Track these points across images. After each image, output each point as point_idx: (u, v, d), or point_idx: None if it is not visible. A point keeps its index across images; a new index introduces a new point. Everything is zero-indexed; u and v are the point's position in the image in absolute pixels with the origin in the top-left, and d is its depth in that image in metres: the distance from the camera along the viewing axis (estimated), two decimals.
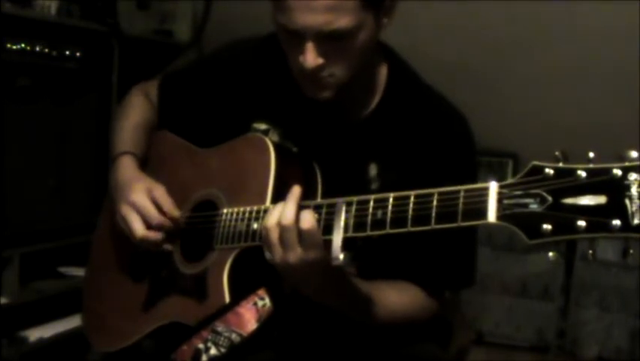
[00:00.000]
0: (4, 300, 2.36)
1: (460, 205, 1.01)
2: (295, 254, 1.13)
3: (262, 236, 1.18)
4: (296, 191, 1.17)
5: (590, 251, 0.95)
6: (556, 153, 0.95)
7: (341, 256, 1.11)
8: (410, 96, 1.39)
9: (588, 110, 2.94)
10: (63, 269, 2.65)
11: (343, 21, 1.19)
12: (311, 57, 1.22)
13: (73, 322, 2.51)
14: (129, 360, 1.46)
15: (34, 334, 2.48)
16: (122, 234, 1.44)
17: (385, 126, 1.37)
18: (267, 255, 1.17)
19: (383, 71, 1.39)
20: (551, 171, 0.94)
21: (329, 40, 1.21)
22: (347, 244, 1.12)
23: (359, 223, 1.11)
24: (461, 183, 1.04)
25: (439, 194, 1.04)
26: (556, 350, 3.11)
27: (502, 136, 2.99)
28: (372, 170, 1.36)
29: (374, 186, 1.35)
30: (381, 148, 1.36)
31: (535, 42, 3.00)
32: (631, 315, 3.01)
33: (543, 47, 3.00)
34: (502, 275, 3.14)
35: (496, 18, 3.00)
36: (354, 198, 1.13)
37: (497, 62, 3.07)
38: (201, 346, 1.28)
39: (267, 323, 1.25)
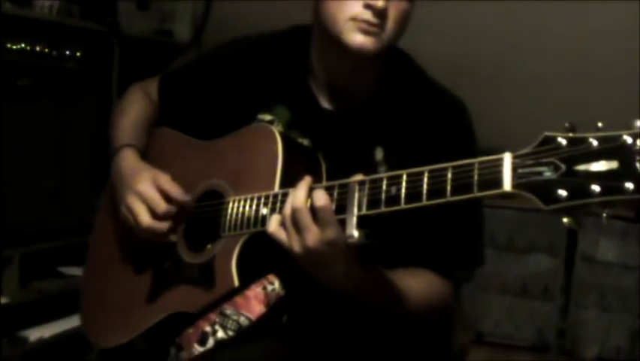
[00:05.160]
0: (4, 300, 2.36)
1: (476, 176, 1.02)
2: (313, 235, 1.13)
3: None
4: (307, 178, 1.19)
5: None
6: (566, 125, 0.98)
7: (356, 234, 1.11)
8: (409, 80, 1.42)
9: (588, 109, 2.94)
10: (63, 269, 2.65)
11: None
12: None
13: (73, 322, 2.51)
14: (125, 360, 1.46)
15: (34, 334, 2.48)
16: (123, 228, 1.44)
17: (388, 110, 1.39)
18: (286, 246, 1.17)
19: (382, 59, 1.41)
20: (563, 140, 0.96)
21: None
22: (361, 223, 1.13)
23: (373, 201, 1.12)
24: (464, 158, 1.06)
25: (454, 167, 1.05)
26: (556, 350, 3.11)
27: (502, 136, 2.98)
28: (379, 154, 1.38)
29: (382, 169, 1.37)
30: (386, 132, 1.38)
31: (535, 42, 3.01)
32: (631, 315, 3.01)
33: (543, 47, 3.00)
34: (502, 275, 3.14)
35: (495, 18, 3.00)
36: (367, 178, 1.14)
37: (497, 62, 3.07)
38: (208, 329, 1.28)
39: (275, 308, 1.25)
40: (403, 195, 1.09)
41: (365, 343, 1.36)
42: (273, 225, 1.19)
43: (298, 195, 1.15)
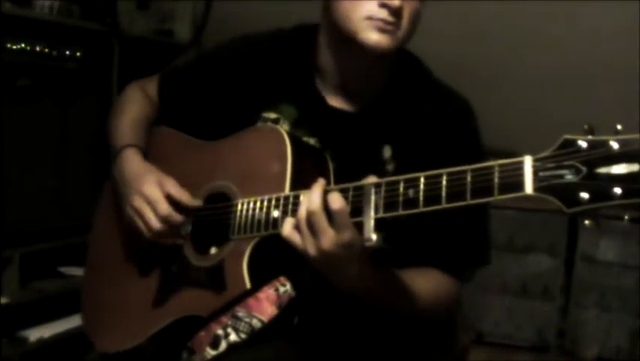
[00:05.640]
0: (4, 300, 2.36)
1: (496, 179, 1.02)
2: (329, 238, 1.13)
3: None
4: (321, 180, 1.18)
5: (626, 217, 0.97)
6: (585, 127, 0.98)
7: (374, 237, 1.11)
8: (416, 80, 1.43)
9: (589, 110, 2.94)
10: (63, 269, 2.65)
11: None
12: None
13: (73, 322, 2.51)
14: None
15: (34, 334, 2.48)
16: (126, 230, 1.43)
17: (395, 109, 1.39)
18: (300, 249, 1.16)
19: (391, 59, 1.42)
20: (584, 143, 0.97)
21: None
22: (377, 226, 1.12)
23: (390, 203, 1.12)
24: (470, 157, 1.06)
25: (473, 170, 1.05)
26: (556, 350, 3.11)
27: (502, 136, 2.98)
28: (387, 152, 1.38)
29: (390, 167, 1.37)
30: (393, 130, 1.38)
31: (536, 42, 3.01)
32: (631, 315, 3.02)
33: (544, 47, 3.00)
34: (502, 275, 3.14)
35: (496, 18, 3.01)
36: (383, 180, 1.14)
37: (498, 62, 3.07)
38: (221, 332, 1.27)
39: (287, 309, 1.25)
40: (421, 197, 1.09)
41: (375, 344, 1.36)
42: (287, 228, 1.18)
43: (314, 198, 1.15)
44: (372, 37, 1.30)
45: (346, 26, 1.31)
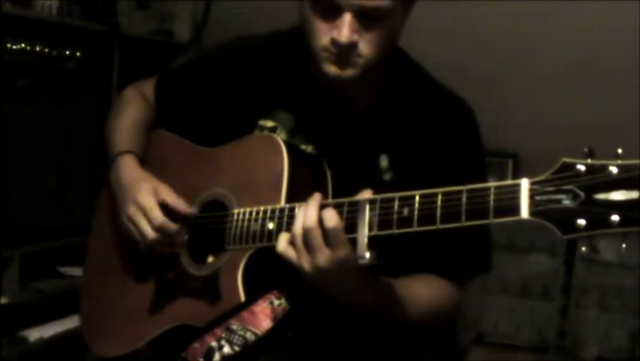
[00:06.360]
0: (4, 300, 2.36)
1: (491, 202, 1.02)
2: (324, 255, 1.12)
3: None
4: (317, 195, 1.17)
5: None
6: (585, 150, 0.96)
7: (367, 255, 1.10)
8: (414, 84, 1.41)
9: (588, 110, 2.94)
10: (63, 269, 2.65)
11: (383, 1, 1.22)
12: (347, 31, 1.23)
13: (73, 322, 2.51)
14: None
15: (34, 334, 2.49)
16: (123, 235, 1.42)
17: (393, 117, 1.38)
18: (295, 265, 1.16)
19: (385, 64, 1.40)
20: (582, 168, 0.95)
21: (365, 19, 1.24)
22: (372, 243, 1.12)
23: (384, 221, 1.11)
24: (471, 164, 1.04)
25: (468, 191, 1.04)
26: (556, 350, 3.11)
27: (502, 136, 2.98)
28: (384, 161, 1.36)
29: (387, 176, 1.35)
30: (391, 139, 1.37)
31: (536, 42, 3.00)
32: (631, 315, 3.01)
33: (543, 48, 3.00)
34: (502, 275, 3.13)
35: (496, 19, 3.00)
36: (378, 197, 1.13)
37: (497, 63, 3.06)
38: (214, 344, 1.26)
39: (281, 322, 1.24)
40: (415, 216, 1.08)
41: (371, 357, 1.35)
42: (282, 244, 1.18)
43: (309, 215, 1.14)
44: (330, 69, 1.28)
45: (312, 52, 1.30)
